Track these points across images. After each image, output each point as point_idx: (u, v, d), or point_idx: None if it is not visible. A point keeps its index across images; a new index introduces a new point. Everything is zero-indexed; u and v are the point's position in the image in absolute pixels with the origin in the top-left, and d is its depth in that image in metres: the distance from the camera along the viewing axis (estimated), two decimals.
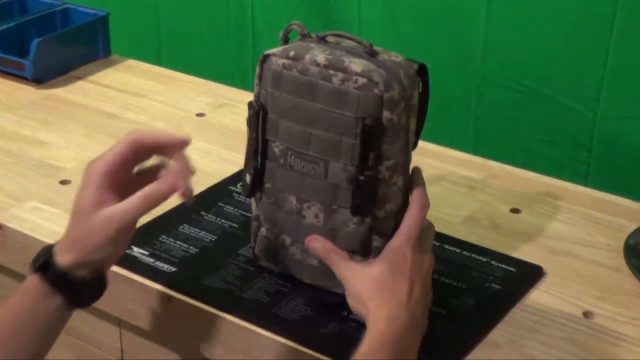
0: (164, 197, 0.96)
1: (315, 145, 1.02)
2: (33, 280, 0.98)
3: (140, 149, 0.98)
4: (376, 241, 1.05)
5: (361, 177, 1.01)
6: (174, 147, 0.98)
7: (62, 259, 0.97)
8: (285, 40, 1.08)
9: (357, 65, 1.00)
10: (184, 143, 0.98)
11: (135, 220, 0.98)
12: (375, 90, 0.99)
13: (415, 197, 1.03)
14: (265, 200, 1.09)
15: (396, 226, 1.04)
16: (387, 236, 1.04)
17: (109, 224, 0.96)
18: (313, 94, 1.01)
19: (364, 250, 1.05)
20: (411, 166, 1.06)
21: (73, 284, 0.97)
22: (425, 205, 1.03)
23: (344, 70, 1.00)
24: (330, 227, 1.05)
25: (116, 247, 0.98)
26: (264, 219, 1.10)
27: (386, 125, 1.00)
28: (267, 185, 1.08)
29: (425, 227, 1.04)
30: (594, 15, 1.48)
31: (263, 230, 1.11)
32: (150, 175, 0.99)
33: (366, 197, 1.02)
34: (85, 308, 1.02)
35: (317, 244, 1.03)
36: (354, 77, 0.99)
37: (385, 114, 0.99)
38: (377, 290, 0.98)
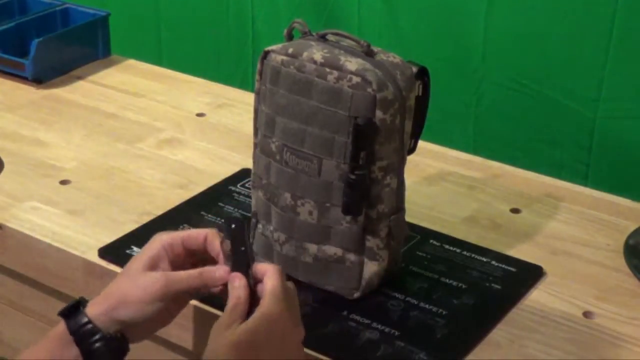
0: (216, 283, 0.95)
1: (310, 142, 1.03)
2: (60, 326, 0.96)
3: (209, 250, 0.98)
4: (369, 241, 1.05)
5: (352, 176, 1.01)
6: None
7: (92, 308, 0.96)
8: (290, 37, 1.08)
9: (352, 64, 1.00)
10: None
11: (180, 291, 0.95)
12: (369, 90, 0.99)
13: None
14: (261, 196, 1.10)
15: (389, 229, 1.05)
16: (381, 237, 1.05)
17: (155, 283, 0.95)
18: (309, 91, 1.02)
19: (358, 249, 1.05)
20: (406, 168, 1.06)
21: (92, 338, 0.95)
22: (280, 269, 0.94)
23: (339, 68, 1.00)
24: (323, 225, 1.05)
25: (151, 313, 0.95)
26: (260, 215, 1.11)
27: (379, 125, 1.00)
28: (263, 181, 1.09)
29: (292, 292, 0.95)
30: (594, 15, 1.48)
31: (260, 226, 1.12)
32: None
33: (357, 196, 1.02)
34: None
35: (236, 282, 0.93)
36: (348, 76, 0.99)
37: (378, 113, 0.99)
38: None
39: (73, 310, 0.96)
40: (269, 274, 0.92)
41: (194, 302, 1.09)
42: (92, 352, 0.95)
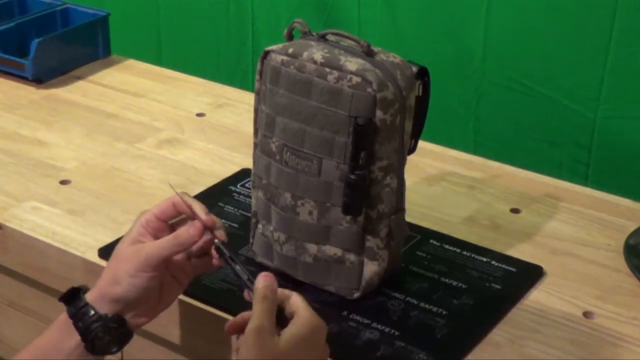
0: (191, 239, 0.97)
1: (310, 142, 1.03)
2: (63, 314, 0.98)
3: (180, 211, 1.01)
4: (369, 241, 1.05)
5: (352, 176, 1.01)
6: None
7: (89, 294, 0.98)
8: (290, 37, 1.08)
9: (352, 64, 1.00)
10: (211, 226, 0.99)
11: (161, 258, 0.97)
12: (369, 90, 0.99)
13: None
14: (261, 196, 1.10)
15: (389, 229, 1.05)
16: (381, 238, 1.05)
17: (137, 255, 0.97)
18: (309, 91, 1.02)
19: (358, 249, 1.05)
20: (406, 168, 1.06)
21: (90, 319, 0.96)
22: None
23: (339, 68, 1.00)
24: (323, 225, 1.05)
25: (141, 287, 0.97)
26: (260, 215, 1.11)
27: (379, 125, 1.00)
28: (263, 180, 1.09)
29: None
30: (594, 15, 1.48)
31: (260, 226, 1.12)
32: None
33: (357, 196, 1.02)
34: (101, 355, 0.99)
35: (264, 280, 0.92)
36: (349, 76, 1.00)
37: (378, 113, 0.99)
38: None
39: (73, 297, 0.98)
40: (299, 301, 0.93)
41: (194, 302, 1.09)
42: (90, 333, 0.96)
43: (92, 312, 0.97)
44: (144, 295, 0.97)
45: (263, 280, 0.92)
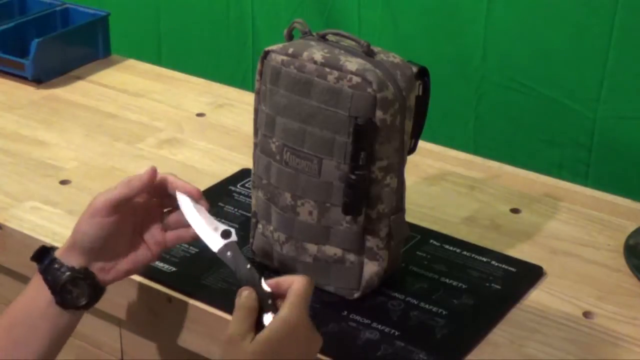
0: (141, 182, 1.01)
1: (310, 142, 1.03)
2: (36, 274, 1.01)
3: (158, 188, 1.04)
4: (369, 241, 1.05)
5: (352, 176, 1.01)
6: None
7: (58, 250, 1.02)
8: (290, 37, 1.08)
9: (352, 64, 1.00)
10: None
11: (116, 201, 1.00)
12: (369, 90, 0.99)
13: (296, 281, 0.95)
14: (261, 195, 1.10)
15: (389, 229, 1.05)
16: (381, 238, 1.05)
17: (95, 199, 1.00)
18: (309, 91, 1.02)
19: (358, 250, 1.05)
20: (406, 168, 1.06)
21: (58, 272, 0.99)
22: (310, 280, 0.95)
23: (340, 68, 1.00)
24: (323, 225, 1.05)
25: (101, 230, 0.99)
26: (260, 215, 1.11)
27: (379, 125, 1.00)
28: (263, 180, 1.09)
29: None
30: (594, 15, 1.48)
31: (260, 226, 1.12)
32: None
33: (357, 196, 1.02)
34: (72, 310, 1.01)
35: (244, 293, 0.94)
36: (349, 76, 1.00)
37: (379, 113, 1.00)
38: None
39: (43, 255, 1.02)
40: (296, 281, 0.94)
41: (194, 302, 1.09)
42: (58, 285, 0.99)
43: (59, 266, 1.00)
44: (103, 243, 1.01)
45: (242, 292, 0.94)
